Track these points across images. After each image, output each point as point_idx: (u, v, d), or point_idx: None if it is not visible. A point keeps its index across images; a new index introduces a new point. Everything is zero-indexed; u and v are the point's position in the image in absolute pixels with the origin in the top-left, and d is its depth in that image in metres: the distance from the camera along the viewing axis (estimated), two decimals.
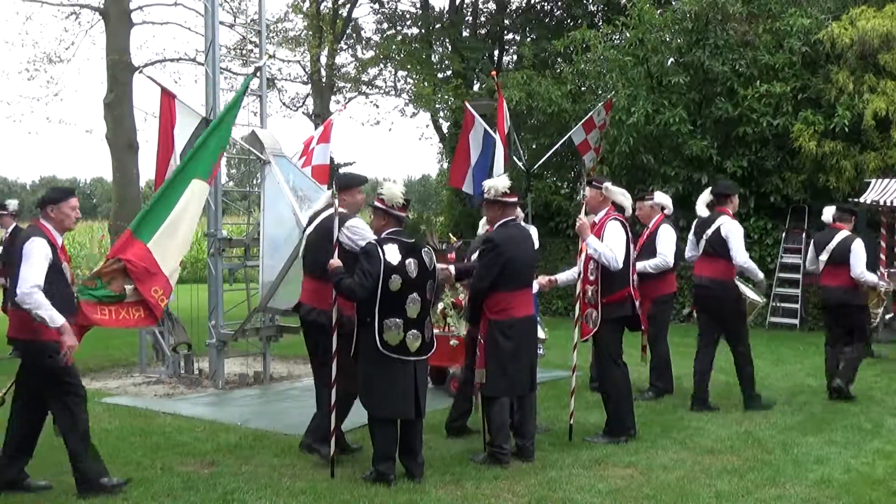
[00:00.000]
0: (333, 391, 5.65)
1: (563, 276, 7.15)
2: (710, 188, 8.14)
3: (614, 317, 6.54)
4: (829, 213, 8.30)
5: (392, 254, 5.47)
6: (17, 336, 5.30)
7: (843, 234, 8.07)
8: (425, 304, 5.61)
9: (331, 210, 5.96)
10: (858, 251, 7.95)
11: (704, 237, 7.67)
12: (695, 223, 7.99)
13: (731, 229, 7.56)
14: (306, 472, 5.75)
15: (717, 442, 6.53)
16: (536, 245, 6.60)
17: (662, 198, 8.67)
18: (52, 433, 5.40)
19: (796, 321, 13.64)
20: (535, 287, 6.84)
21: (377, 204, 5.66)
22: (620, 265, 6.41)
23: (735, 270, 7.67)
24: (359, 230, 5.90)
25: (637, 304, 6.65)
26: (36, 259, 5.11)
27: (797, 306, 13.69)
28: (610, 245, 6.41)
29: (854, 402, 7.89)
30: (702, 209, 7.94)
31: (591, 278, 6.55)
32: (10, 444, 5.47)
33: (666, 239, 8.19)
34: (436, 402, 6.77)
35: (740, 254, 7.50)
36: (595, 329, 6.55)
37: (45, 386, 5.30)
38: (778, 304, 13.87)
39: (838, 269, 8.01)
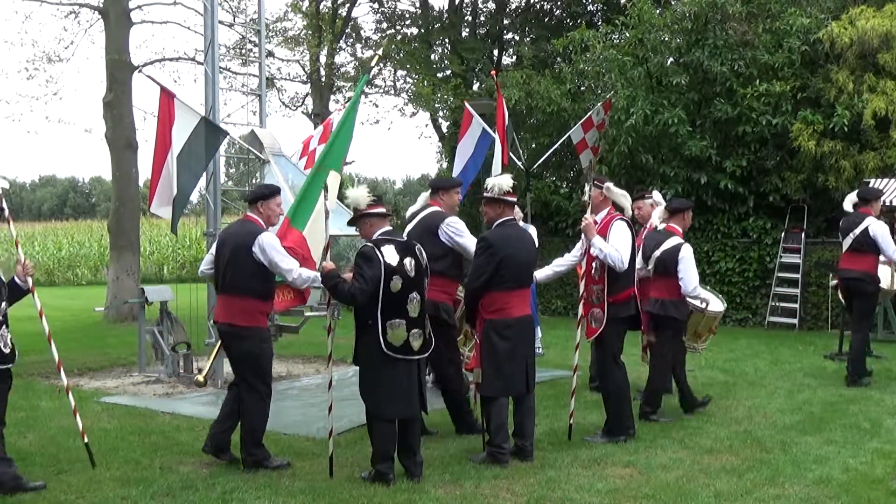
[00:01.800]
0: (331, 390, 5.66)
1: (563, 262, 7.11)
2: (856, 190, 8.88)
3: (620, 316, 6.50)
4: None
5: (390, 255, 5.43)
6: (224, 320, 5.63)
7: None
8: (423, 302, 5.61)
9: (431, 209, 6.33)
10: None
11: (851, 235, 8.55)
12: (841, 222, 8.78)
13: (879, 230, 8.46)
14: (305, 471, 5.74)
15: (716, 441, 6.52)
16: (536, 244, 6.57)
17: (657, 197, 8.66)
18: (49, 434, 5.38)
19: (795, 321, 13.63)
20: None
21: (353, 213, 5.68)
22: (626, 265, 6.39)
23: (879, 264, 8.60)
24: (456, 227, 6.40)
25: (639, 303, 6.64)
26: (280, 246, 5.68)
27: (796, 306, 13.68)
28: (616, 245, 6.38)
29: (853, 402, 7.90)
30: (849, 206, 8.79)
31: (596, 278, 6.51)
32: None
33: None
34: (436, 401, 6.75)
35: (891, 251, 8.43)
36: (601, 329, 6.52)
37: (243, 370, 5.64)
38: (777, 304, 13.87)
39: None
